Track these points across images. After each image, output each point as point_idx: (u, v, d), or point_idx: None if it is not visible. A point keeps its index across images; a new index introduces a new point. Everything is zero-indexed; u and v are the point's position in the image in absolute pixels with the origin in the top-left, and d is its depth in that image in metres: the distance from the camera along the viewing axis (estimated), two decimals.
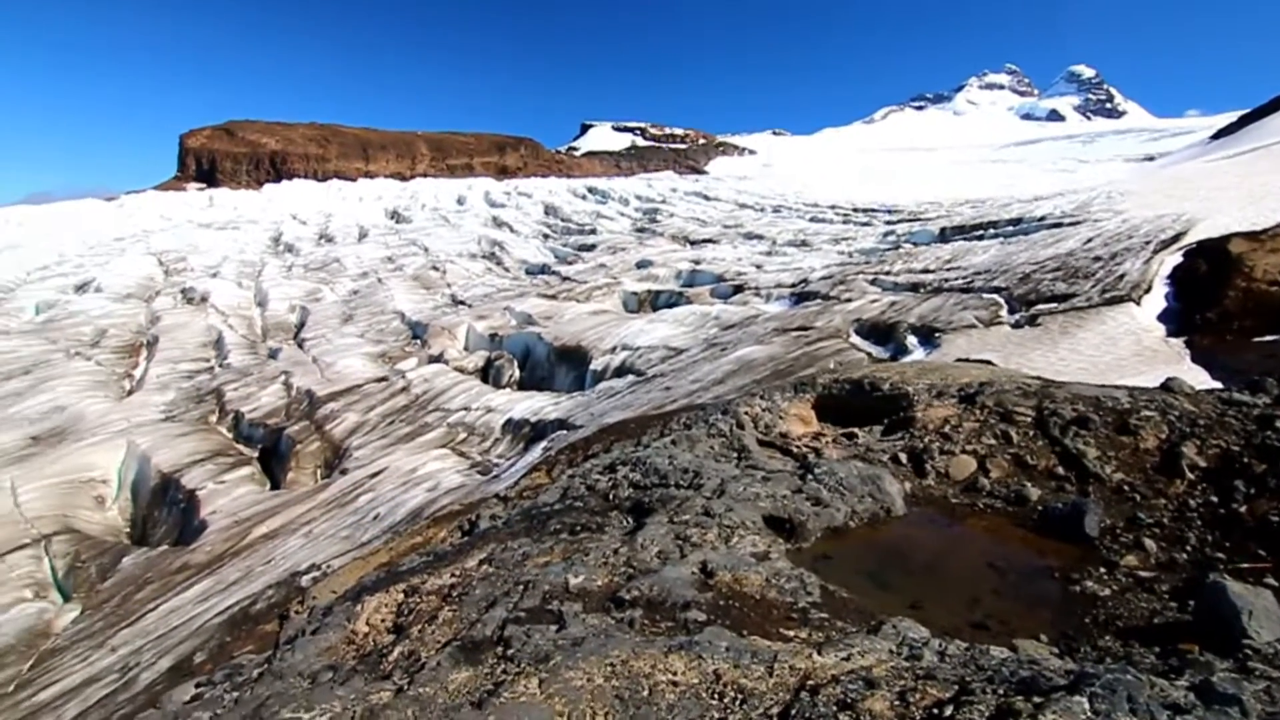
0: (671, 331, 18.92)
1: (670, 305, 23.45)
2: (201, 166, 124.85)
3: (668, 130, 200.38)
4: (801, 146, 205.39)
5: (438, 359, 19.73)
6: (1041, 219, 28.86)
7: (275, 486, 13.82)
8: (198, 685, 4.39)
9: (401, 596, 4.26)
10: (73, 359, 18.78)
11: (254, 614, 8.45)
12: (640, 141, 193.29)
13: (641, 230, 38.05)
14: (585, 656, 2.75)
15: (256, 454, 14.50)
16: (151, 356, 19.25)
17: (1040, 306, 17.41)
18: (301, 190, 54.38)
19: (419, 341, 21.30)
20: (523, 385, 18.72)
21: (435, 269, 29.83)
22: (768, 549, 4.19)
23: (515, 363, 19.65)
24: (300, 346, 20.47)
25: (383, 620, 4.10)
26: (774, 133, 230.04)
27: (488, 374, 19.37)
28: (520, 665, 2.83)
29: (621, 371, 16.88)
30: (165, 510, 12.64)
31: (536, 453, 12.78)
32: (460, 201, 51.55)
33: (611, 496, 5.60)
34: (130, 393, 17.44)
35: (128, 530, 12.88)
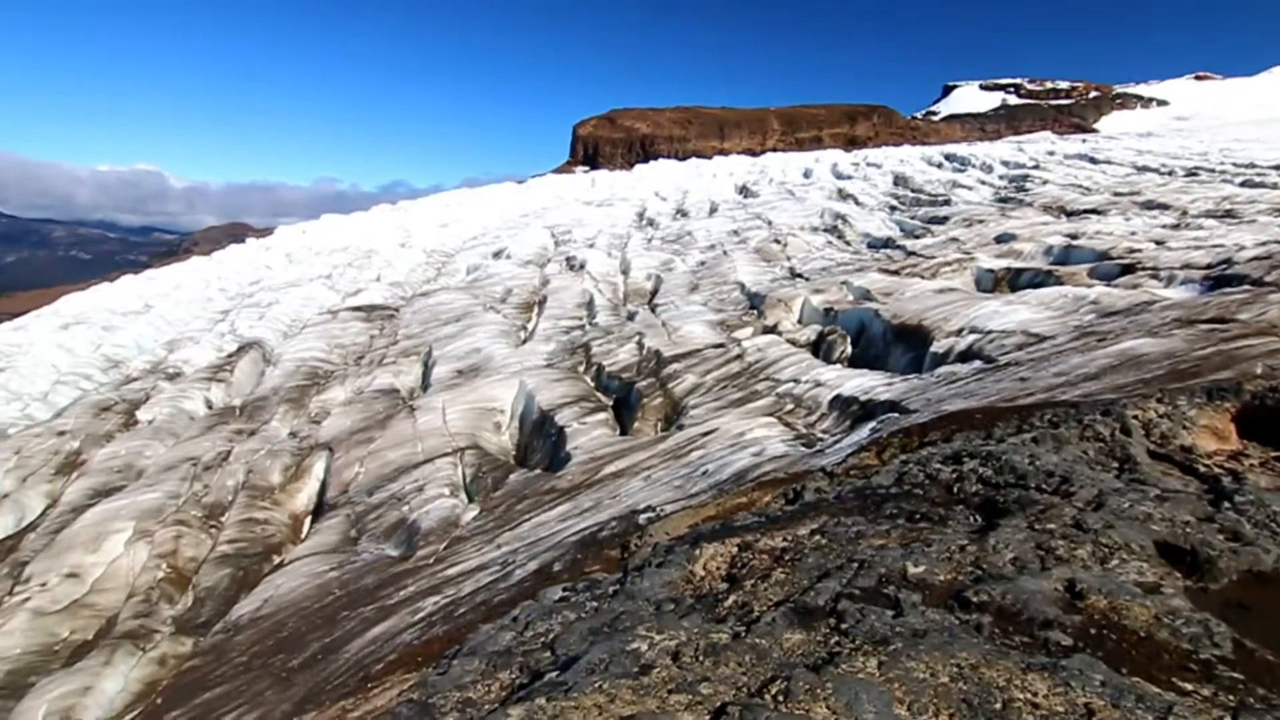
0: (1033, 315, 16.69)
1: (1034, 285, 20.64)
2: (587, 152, 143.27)
3: (1048, 84, 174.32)
4: (1235, 92, 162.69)
5: (772, 330, 20.08)
6: None
7: (624, 433, 15.44)
8: (564, 589, 5.16)
9: (735, 550, 4.50)
10: (487, 311, 23.35)
11: (600, 539, 9.52)
12: (1012, 100, 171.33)
13: (1005, 200, 33.95)
14: (929, 650, 2.62)
15: (611, 402, 16.45)
16: (541, 313, 22.98)
17: None
18: (664, 169, 59.20)
19: (756, 312, 21.90)
20: (854, 362, 18.16)
21: (777, 242, 30.27)
22: (1159, 581, 3.53)
23: (848, 339, 19.13)
24: (653, 311, 22.49)
25: (718, 568, 4.38)
26: (1196, 77, 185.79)
27: (819, 348, 19.19)
28: (856, 642, 2.80)
29: (967, 356, 15.43)
30: (541, 441, 15.11)
31: (864, 432, 12.28)
32: (806, 174, 51.24)
33: (956, 489, 5.19)
34: (524, 342, 21.05)
35: (514, 453, 15.70)
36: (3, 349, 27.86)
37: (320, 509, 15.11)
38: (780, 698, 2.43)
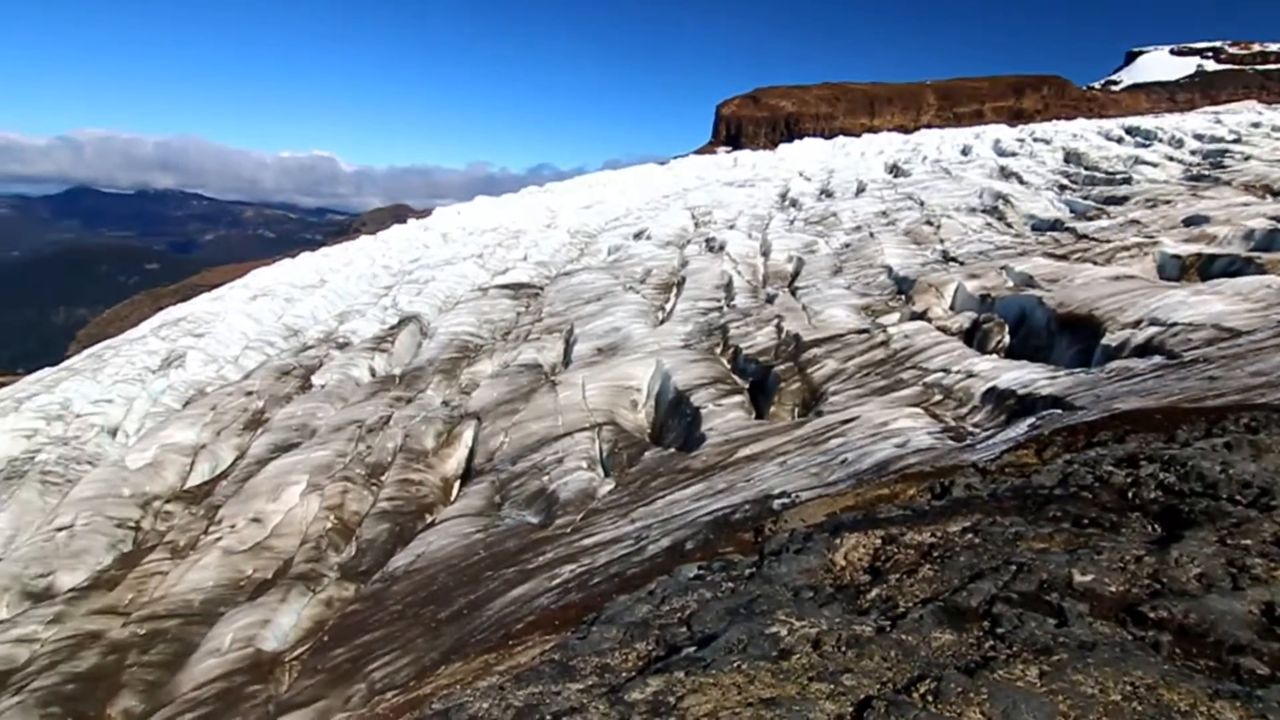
0: (1228, 307, 14.85)
1: (1231, 273, 18.31)
2: (730, 131, 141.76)
3: (1255, 47, 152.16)
4: None
5: (920, 316, 19.10)
6: None
7: (759, 416, 15.29)
8: (699, 568, 5.21)
9: (879, 542, 4.35)
10: (627, 291, 23.84)
11: (733, 521, 9.51)
12: (1210, 66, 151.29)
13: (1197, 179, 30.18)
14: (1098, 665, 2.42)
15: (747, 386, 16.32)
16: (679, 294, 23.13)
17: None
18: (809, 148, 57.44)
19: (903, 297, 20.89)
20: (1011, 353, 16.93)
21: (929, 223, 28.63)
22: None
23: (1005, 328, 17.84)
24: (793, 294, 22.01)
25: (859, 559, 4.26)
26: None
27: (972, 337, 18.03)
28: (1013, 648, 2.65)
29: (1145, 351, 13.97)
30: (676, 420, 15.29)
31: (1021, 428, 11.48)
32: (965, 152, 47.95)
33: (1131, 495, 4.74)
34: (662, 322, 21.32)
35: (649, 431, 15.99)
36: (202, 317, 31.76)
37: (468, 474, 16.13)
38: (929, 697, 2.34)
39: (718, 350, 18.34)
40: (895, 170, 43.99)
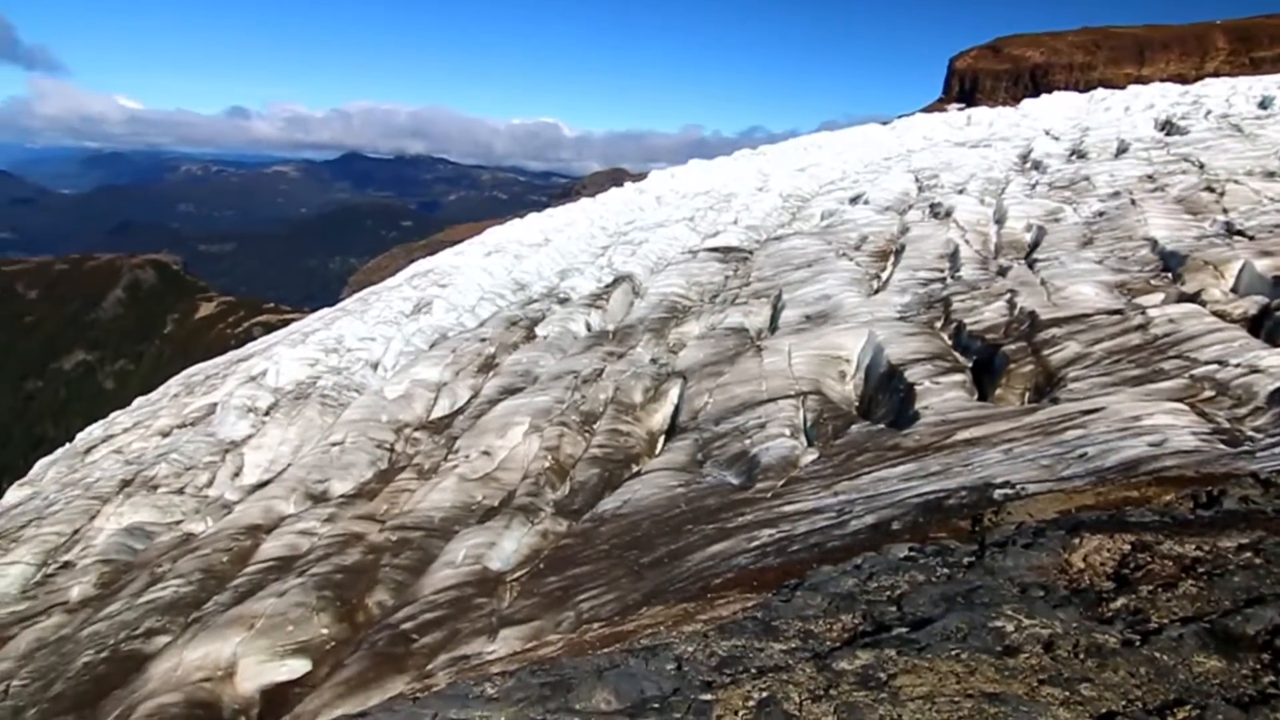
0: None
1: None
2: (963, 86, 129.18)
3: None
4: None
5: (1191, 298, 16.41)
6: None
7: (982, 398, 14.18)
8: (910, 549, 5.04)
9: (1128, 548, 3.92)
10: (840, 258, 22.95)
11: (946, 507, 9.02)
12: None
13: None
14: None
15: (970, 365, 15.11)
16: (897, 263, 21.83)
17: None
18: (1058, 103, 50.71)
19: (1169, 275, 18.04)
20: None
21: (1210, 190, 24.24)
22: None
23: None
24: (1030, 267, 19.87)
25: (1102, 564, 3.87)
26: None
27: (1260, 326, 15.18)
28: None
29: None
30: (887, 395, 14.60)
31: None
32: (1264, 104, 39.67)
33: None
34: (876, 291, 20.31)
35: (856, 404, 15.44)
36: (446, 270, 35.51)
37: (673, 430, 16.70)
38: None
39: (937, 324, 17.13)
40: (1168, 127, 37.53)
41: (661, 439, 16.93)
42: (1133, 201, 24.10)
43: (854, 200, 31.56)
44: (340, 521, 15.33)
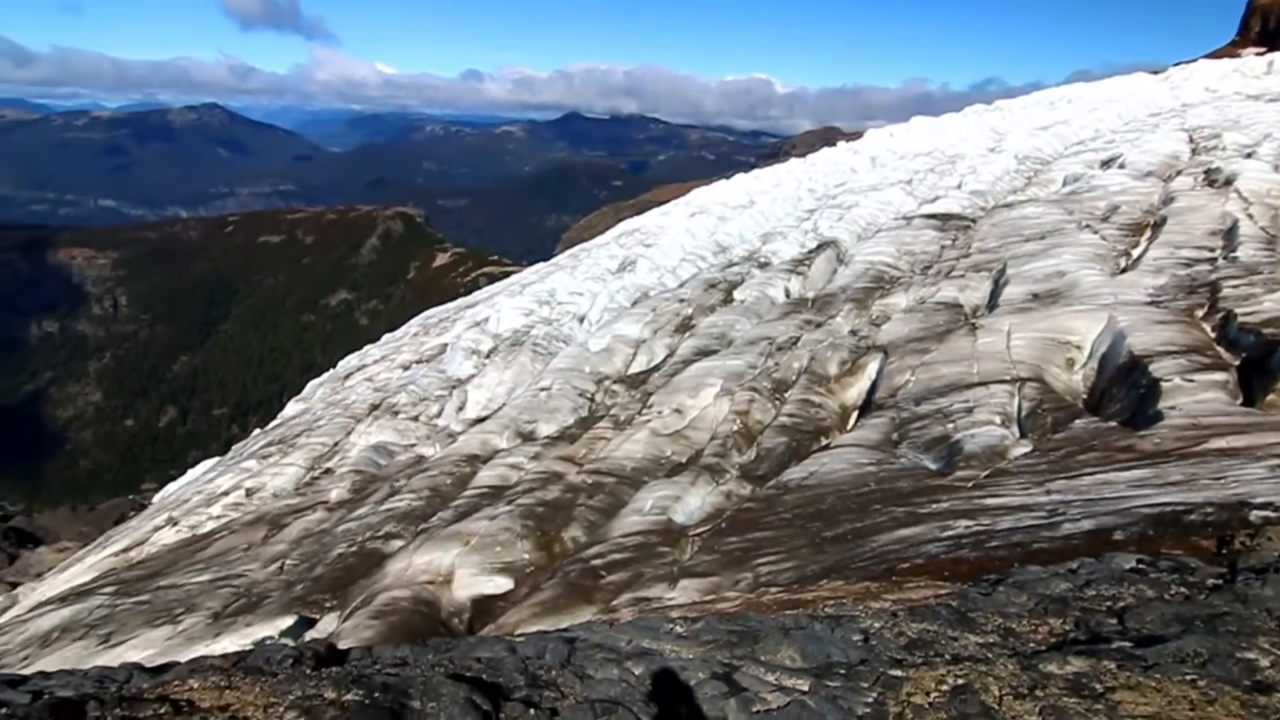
0: None
1: None
2: (1267, 27, 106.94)
3: None
4: None
5: None
6: None
7: (1246, 403, 12.13)
8: (1139, 561, 4.55)
9: None
10: (1082, 230, 20.34)
11: (1185, 522, 8.02)
12: None
13: None
14: None
15: (1237, 363, 12.87)
16: (1154, 238, 18.90)
17: None
18: None
19: None
20: None
21: None
22: None
23: None
24: None
25: None
26: None
27: None
28: None
29: None
30: (1124, 390, 12.86)
31: None
32: None
33: None
34: (1123, 270, 17.81)
35: (1084, 396, 13.79)
36: (651, 229, 36.42)
37: (867, 405, 16.09)
38: None
39: (1199, 313, 14.73)
40: None
41: (855, 414, 16.38)
42: None
43: (1106, 164, 27.68)
44: (544, 460, 16.65)
